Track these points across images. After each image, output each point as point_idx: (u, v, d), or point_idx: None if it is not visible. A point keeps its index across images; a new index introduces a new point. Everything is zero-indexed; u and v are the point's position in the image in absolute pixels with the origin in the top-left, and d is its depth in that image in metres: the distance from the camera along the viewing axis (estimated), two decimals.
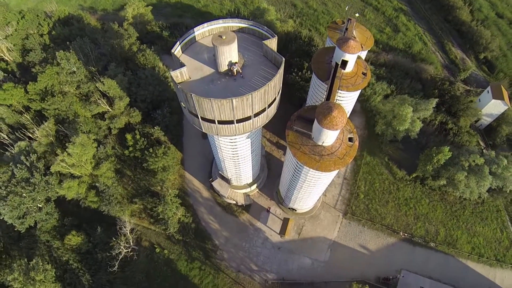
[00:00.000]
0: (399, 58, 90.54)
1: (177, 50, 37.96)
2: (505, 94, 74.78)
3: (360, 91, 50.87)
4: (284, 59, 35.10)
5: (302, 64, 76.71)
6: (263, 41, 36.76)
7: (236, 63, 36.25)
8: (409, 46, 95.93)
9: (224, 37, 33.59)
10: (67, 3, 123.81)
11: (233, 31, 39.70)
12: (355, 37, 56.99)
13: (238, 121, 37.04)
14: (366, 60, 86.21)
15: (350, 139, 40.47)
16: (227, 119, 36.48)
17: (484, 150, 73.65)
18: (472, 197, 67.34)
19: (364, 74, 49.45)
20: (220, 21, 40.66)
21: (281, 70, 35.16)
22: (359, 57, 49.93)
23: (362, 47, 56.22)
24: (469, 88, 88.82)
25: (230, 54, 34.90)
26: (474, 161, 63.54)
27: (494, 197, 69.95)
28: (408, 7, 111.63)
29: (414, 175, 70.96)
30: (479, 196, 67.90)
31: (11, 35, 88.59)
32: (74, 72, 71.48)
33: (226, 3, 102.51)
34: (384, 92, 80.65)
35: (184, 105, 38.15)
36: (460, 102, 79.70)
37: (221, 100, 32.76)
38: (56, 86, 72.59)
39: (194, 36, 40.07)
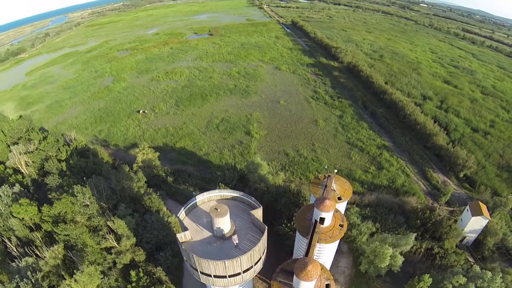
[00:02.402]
0: (383, 195, 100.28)
1: (181, 214, 48.12)
2: (484, 209, 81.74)
3: (338, 240, 59.68)
4: (266, 227, 45.17)
5: (291, 215, 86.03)
6: (251, 211, 47.13)
7: (235, 233, 46.05)
8: (392, 181, 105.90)
9: (219, 210, 43.83)
10: (84, 131, 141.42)
11: (227, 199, 50.89)
12: (335, 190, 68.15)
13: (230, 276, 45.19)
14: (352, 202, 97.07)
15: (327, 286, 48.15)
16: (221, 275, 44.69)
17: (473, 266, 76.58)
18: None
19: (341, 226, 58.89)
20: (217, 191, 52.19)
21: (265, 237, 44.94)
22: (336, 210, 60.01)
23: (341, 199, 67.39)
24: (452, 208, 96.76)
25: (223, 224, 44.95)
26: (457, 281, 67.40)
27: None
28: (390, 142, 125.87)
29: None
30: None
31: (32, 152, 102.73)
32: (88, 205, 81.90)
33: (225, 152, 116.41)
34: (370, 230, 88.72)
35: (186, 260, 46.78)
36: (443, 226, 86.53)
37: (216, 261, 41.61)
38: (69, 214, 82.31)
39: (196, 202, 50.73)
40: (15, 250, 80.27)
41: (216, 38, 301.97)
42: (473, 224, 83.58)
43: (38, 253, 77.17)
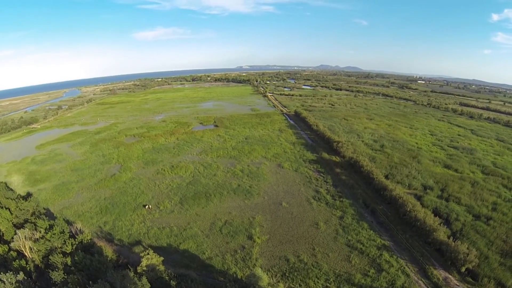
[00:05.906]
0: None
1: None
2: None
3: None
4: None
5: None
6: None
7: None
8: (392, 283, 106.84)
9: None
10: (89, 220, 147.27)
11: None
12: None
13: None
14: None
15: None
16: None
17: None
18: None
19: None
20: None
21: None
22: None
23: None
24: None
25: None
26: None
27: None
28: (391, 242, 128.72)
29: None
30: None
31: (38, 240, 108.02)
32: None
33: (227, 257, 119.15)
34: None
35: None
36: None
37: None
38: None
39: None
40: None
41: (221, 130, 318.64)
42: None
43: None
